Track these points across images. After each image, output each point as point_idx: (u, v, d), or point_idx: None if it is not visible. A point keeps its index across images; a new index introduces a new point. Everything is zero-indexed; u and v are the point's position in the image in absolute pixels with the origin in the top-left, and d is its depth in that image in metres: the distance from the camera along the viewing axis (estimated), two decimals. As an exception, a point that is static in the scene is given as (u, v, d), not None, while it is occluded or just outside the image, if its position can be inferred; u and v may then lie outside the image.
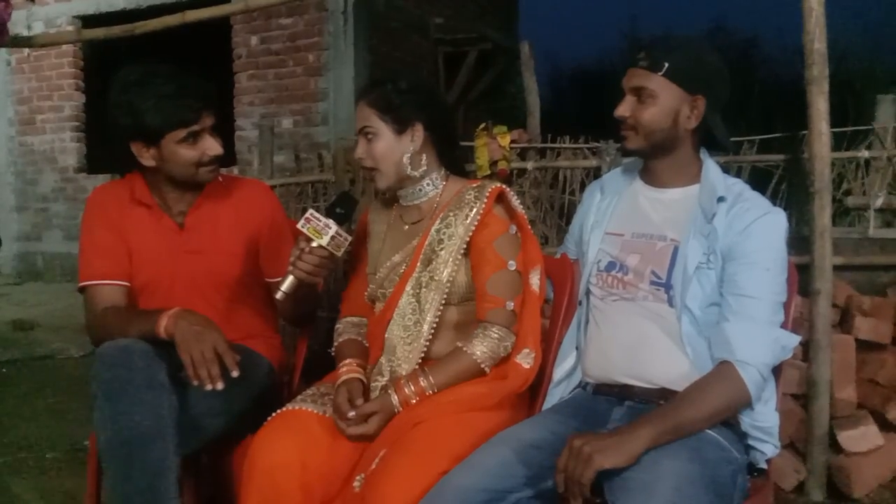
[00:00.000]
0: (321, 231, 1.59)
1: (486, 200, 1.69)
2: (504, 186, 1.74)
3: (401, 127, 1.70)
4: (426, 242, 1.71)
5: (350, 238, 1.63)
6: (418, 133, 1.72)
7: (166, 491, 1.51)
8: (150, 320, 1.63)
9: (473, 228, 1.68)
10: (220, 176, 1.92)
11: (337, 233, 1.59)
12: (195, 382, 1.55)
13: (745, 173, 3.05)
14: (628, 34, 12.53)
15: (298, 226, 1.60)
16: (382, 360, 1.72)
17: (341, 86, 5.89)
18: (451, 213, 1.71)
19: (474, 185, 1.74)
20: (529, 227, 1.76)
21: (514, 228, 1.73)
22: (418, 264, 1.71)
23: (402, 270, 1.74)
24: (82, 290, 1.82)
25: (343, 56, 5.88)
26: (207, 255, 1.87)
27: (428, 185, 1.77)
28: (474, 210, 1.69)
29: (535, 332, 1.68)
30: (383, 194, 1.84)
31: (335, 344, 1.84)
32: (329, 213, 1.62)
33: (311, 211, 1.61)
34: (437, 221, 1.72)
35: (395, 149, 1.71)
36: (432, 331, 1.69)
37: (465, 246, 1.69)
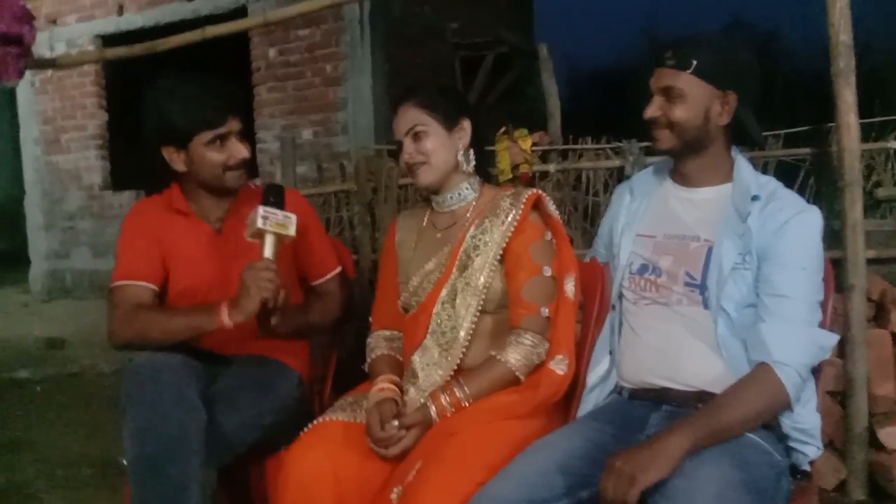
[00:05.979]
0: (284, 223, 1.63)
1: (522, 207, 1.69)
2: (541, 193, 1.74)
3: (450, 123, 1.73)
4: (462, 248, 1.71)
5: (295, 215, 1.67)
6: (466, 129, 1.74)
7: None
8: (203, 314, 1.68)
9: (510, 235, 1.68)
10: (253, 184, 1.96)
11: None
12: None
13: (772, 168, 3.01)
14: (646, 32, 12.48)
15: (259, 225, 1.62)
16: (415, 358, 1.71)
17: (360, 95, 5.90)
18: (487, 220, 1.71)
19: (509, 192, 1.75)
20: (565, 232, 1.75)
21: (549, 235, 1.72)
22: (454, 270, 1.71)
23: (435, 278, 1.74)
24: (111, 291, 1.84)
25: (361, 65, 5.89)
26: (244, 259, 1.87)
27: (467, 188, 1.77)
28: (510, 216, 1.69)
29: (568, 339, 1.67)
30: (421, 195, 1.85)
31: (368, 360, 1.83)
32: (273, 206, 1.65)
33: (261, 209, 1.63)
34: (473, 227, 1.72)
35: (447, 145, 1.72)
36: (469, 337, 1.68)
37: (501, 252, 1.68)
